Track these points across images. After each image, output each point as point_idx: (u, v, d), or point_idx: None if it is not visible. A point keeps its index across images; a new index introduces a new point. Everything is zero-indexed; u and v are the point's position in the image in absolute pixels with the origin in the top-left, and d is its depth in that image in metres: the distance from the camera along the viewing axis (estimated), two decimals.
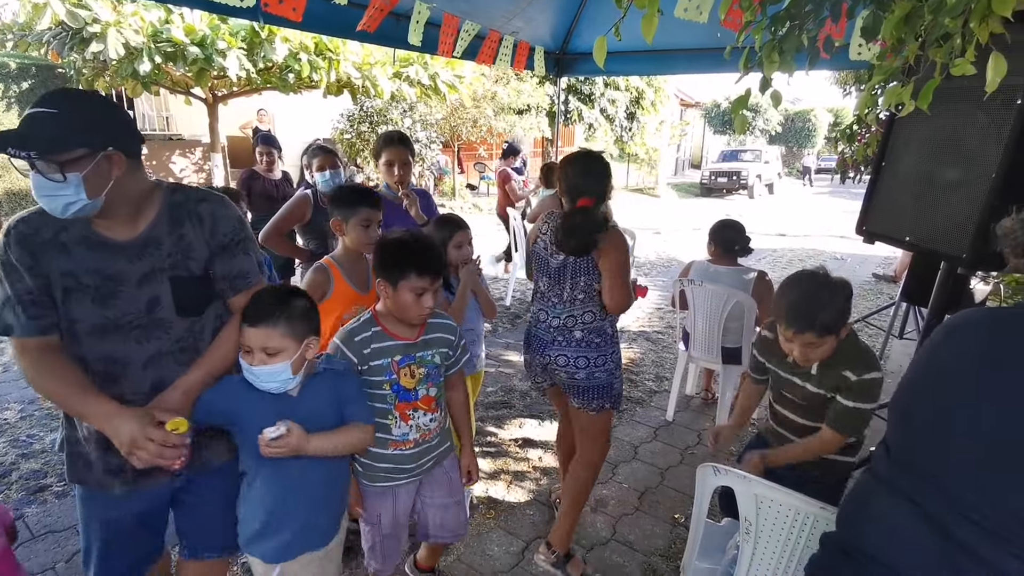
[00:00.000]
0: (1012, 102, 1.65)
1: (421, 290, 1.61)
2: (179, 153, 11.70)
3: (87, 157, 1.21)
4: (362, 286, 2.16)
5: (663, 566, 2.43)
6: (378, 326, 1.69)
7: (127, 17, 6.35)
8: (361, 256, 2.19)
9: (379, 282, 1.65)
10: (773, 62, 1.26)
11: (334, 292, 2.09)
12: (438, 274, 1.66)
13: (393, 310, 1.67)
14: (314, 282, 2.07)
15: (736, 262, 3.40)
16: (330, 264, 2.12)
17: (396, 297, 1.62)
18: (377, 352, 1.66)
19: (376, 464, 1.73)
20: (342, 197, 2.16)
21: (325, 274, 2.10)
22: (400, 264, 1.60)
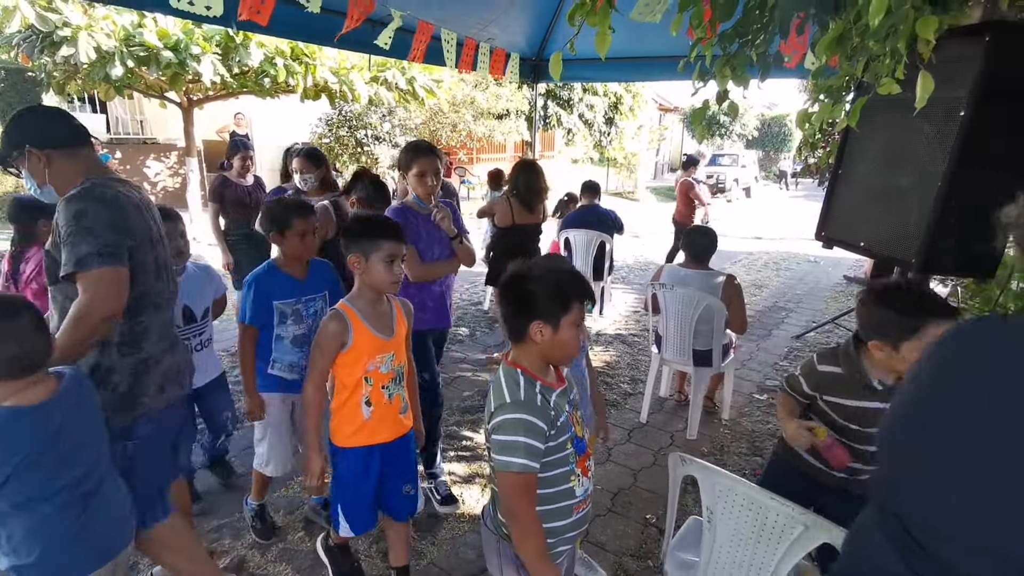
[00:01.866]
0: (955, 114, 1.73)
1: (580, 320, 1.42)
2: (154, 157, 11.55)
3: (20, 156, 1.61)
4: (386, 330, 1.92)
5: (633, 566, 2.48)
6: (533, 379, 1.42)
7: (98, 21, 6.26)
8: (381, 296, 1.95)
9: (535, 325, 1.39)
10: (725, 76, 1.32)
11: (355, 341, 1.85)
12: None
13: (549, 351, 1.42)
14: (330, 333, 1.83)
15: (706, 266, 3.48)
16: (347, 309, 1.87)
17: (558, 336, 1.39)
18: (557, 408, 1.43)
19: (565, 536, 1.49)
20: (360, 229, 1.90)
21: (342, 322, 1.84)
22: (567, 295, 1.39)
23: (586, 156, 19.23)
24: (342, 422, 1.95)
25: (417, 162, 2.59)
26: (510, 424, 1.36)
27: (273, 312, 2.27)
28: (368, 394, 1.92)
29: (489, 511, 1.60)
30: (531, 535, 1.38)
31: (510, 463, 1.34)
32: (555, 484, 1.44)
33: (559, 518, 1.46)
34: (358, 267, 1.88)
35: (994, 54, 1.65)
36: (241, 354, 2.31)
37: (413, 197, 2.68)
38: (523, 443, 1.34)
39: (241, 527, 2.62)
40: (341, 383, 1.92)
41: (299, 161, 3.48)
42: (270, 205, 2.30)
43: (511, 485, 1.37)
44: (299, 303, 2.31)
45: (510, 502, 1.39)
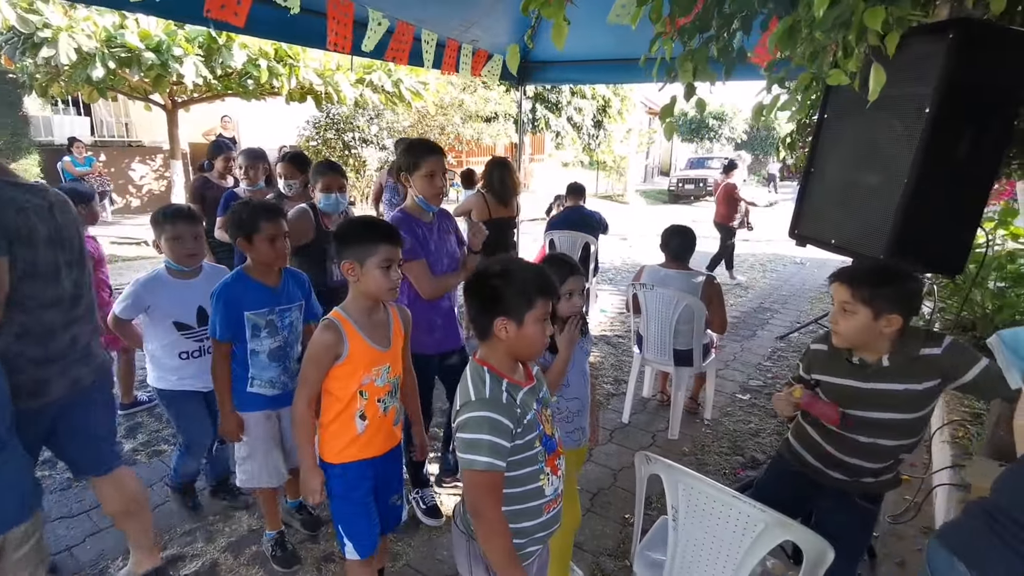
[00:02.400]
0: (922, 111, 1.74)
1: (546, 316, 1.41)
2: (139, 160, 11.46)
3: None
4: (382, 341, 1.81)
5: (611, 565, 2.47)
6: (499, 377, 1.40)
7: (79, 22, 6.21)
8: (378, 304, 1.84)
9: (499, 322, 1.38)
10: (686, 71, 1.32)
11: (350, 352, 1.73)
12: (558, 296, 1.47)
13: (516, 348, 1.41)
14: (324, 344, 1.71)
15: (687, 266, 3.48)
16: (341, 319, 1.74)
17: (522, 332, 1.38)
18: (524, 405, 1.40)
19: (535, 536, 1.48)
20: (354, 233, 1.76)
21: (336, 332, 1.72)
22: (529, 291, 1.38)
23: (576, 159, 19.30)
24: (332, 436, 1.82)
25: (426, 162, 2.41)
26: (475, 422, 1.34)
27: (245, 324, 2.13)
28: (363, 408, 1.79)
29: (460, 510, 1.58)
30: (496, 534, 1.36)
31: (474, 461, 1.33)
32: (524, 483, 1.42)
33: (528, 518, 1.44)
34: (353, 274, 1.74)
35: (958, 51, 1.65)
36: (214, 372, 2.16)
37: (419, 201, 2.48)
38: (487, 441, 1.32)
39: (214, 530, 2.59)
40: (333, 397, 1.79)
41: (284, 166, 3.42)
42: (235, 208, 2.17)
43: (475, 484, 1.35)
44: (272, 313, 2.18)
45: (475, 501, 1.37)
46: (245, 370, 2.19)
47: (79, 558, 2.41)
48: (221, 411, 2.20)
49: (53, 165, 9.51)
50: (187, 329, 2.43)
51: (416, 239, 2.42)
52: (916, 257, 1.88)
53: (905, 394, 1.68)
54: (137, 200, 11.44)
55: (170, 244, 2.33)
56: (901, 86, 1.83)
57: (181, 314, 2.41)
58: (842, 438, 1.80)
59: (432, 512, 2.71)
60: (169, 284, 2.40)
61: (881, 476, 1.81)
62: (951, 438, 2.96)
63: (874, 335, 1.67)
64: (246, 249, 2.12)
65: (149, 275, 2.41)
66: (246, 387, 2.20)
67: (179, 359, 2.42)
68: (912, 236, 1.83)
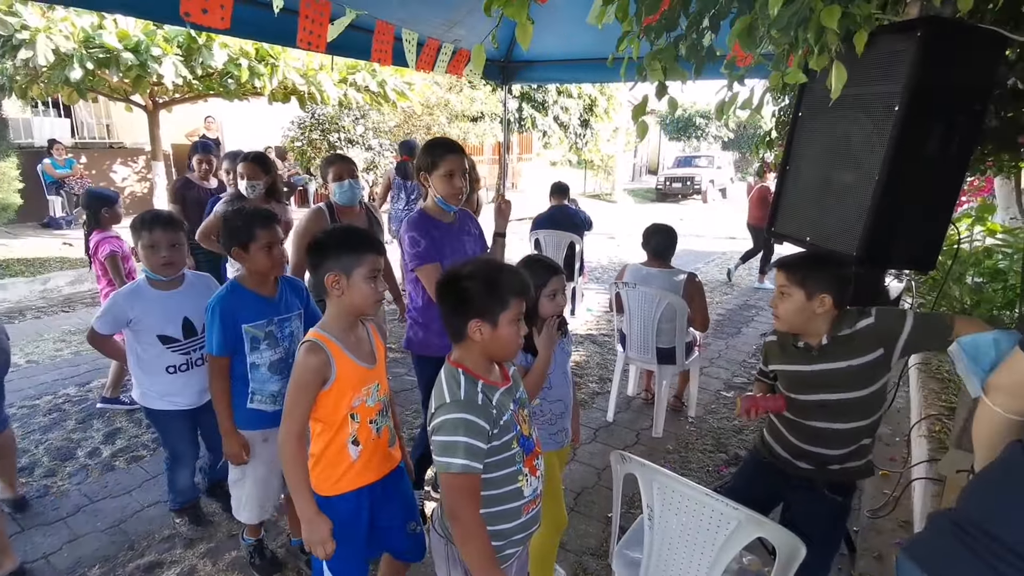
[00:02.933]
0: (891, 109, 1.76)
1: (520, 315, 1.40)
2: (121, 162, 11.32)
3: None
4: (368, 358, 1.70)
5: (594, 564, 2.47)
6: (474, 378, 1.39)
7: (57, 23, 6.13)
8: (357, 320, 1.72)
9: (473, 324, 1.37)
10: (655, 70, 1.32)
11: (338, 375, 1.60)
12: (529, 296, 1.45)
13: (490, 349, 1.40)
14: (310, 368, 1.57)
15: (668, 264, 3.50)
16: (323, 339, 1.61)
17: (497, 332, 1.38)
18: (500, 406, 1.39)
19: (513, 538, 1.47)
20: (338, 243, 1.64)
21: (322, 354, 1.58)
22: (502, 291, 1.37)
23: (564, 158, 19.30)
24: (326, 468, 1.67)
25: (445, 160, 2.33)
26: (450, 424, 1.33)
27: (243, 338, 2.02)
28: (355, 432, 1.66)
29: (438, 514, 1.57)
30: (473, 537, 1.35)
31: (450, 464, 1.32)
32: (502, 485, 1.42)
33: (507, 520, 1.44)
34: (338, 287, 1.61)
35: (926, 49, 1.67)
36: (213, 390, 2.04)
37: (438, 200, 2.39)
38: (463, 443, 1.32)
39: (192, 536, 2.56)
40: (322, 424, 1.65)
41: (246, 166, 3.33)
42: (228, 217, 2.04)
43: (451, 487, 1.35)
44: (271, 324, 2.06)
45: (451, 504, 1.36)
46: (244, 385, 2.07)
47: (56, 566, 2.37)
48: (222, 431, 2.06)
49: (33, 168, 9.37)
50: (173, 342, 2.31)
51: (432, 241, 2.35)
52: (888, 253, 1.90)
53: (848, 370, 1.75)
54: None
55: (146, 252, 2.23)
56: (870, 84, 1.84)
57: (165, 327, 2.30)
58: (801, 426, 1.86)
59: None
60: (150, 296, 2.29)
61: (847, 463, 1.84)
62: (928, 432, 3.00)
63: (809, 315, 1.77)
64: (241, 259, 2.01)
65: (129, 287, 2.32)
66: (246, 403, 2.08)
67: (167, 374, 2.32)
68: (884, 232, 1.84)
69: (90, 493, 2.85)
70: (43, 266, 7.06)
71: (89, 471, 3.04)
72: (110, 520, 2.65)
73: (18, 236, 8.61)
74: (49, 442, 3.30)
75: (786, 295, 1.79)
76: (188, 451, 2.51)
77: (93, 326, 2.29)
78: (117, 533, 2.57)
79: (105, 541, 2.52)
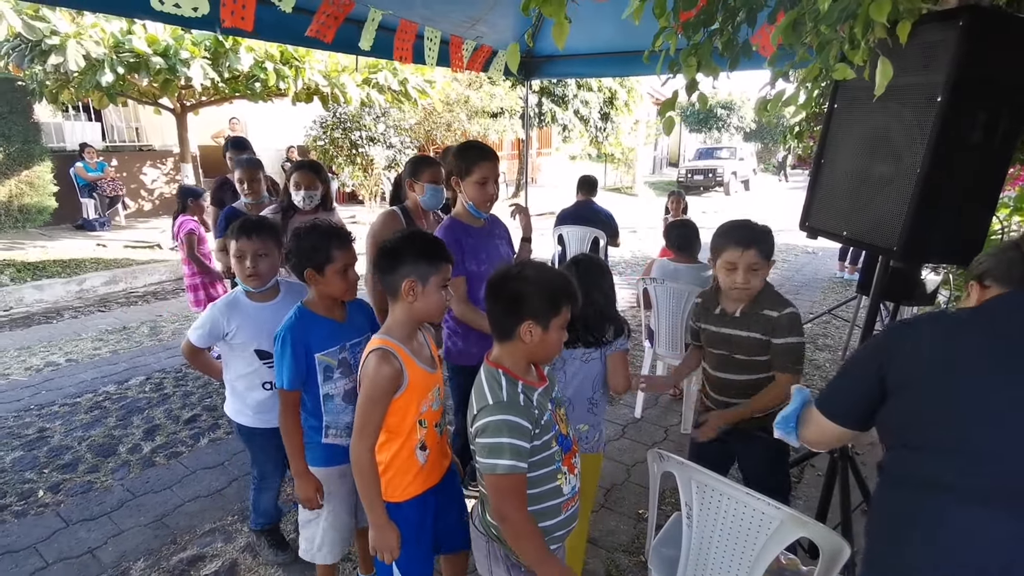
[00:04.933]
0: (933, 100, 1.72)
1: (567, 323, 1.42)
2: (150, 164, 11.55)
3: None
4: (429, 363, 1.67)
5: (626, 561, 2.47)
6: (514, 379, 1.41)
7: (87, 29, 6.27)
8: (419, 325, 1.71)
9: (526, 325, 1.38)
10: (691, 66, 1.30)
11: (409, 383, 1.57)
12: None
13: (536, 351, 1.43)
14: (386, 378, 1.53)
15: (695, 258, 3.47)
16: (393, 346, 1.57)
17: (546, 336, 1.40)
18: (540, 406, 1.42)
19: (555, 535, 1.49)
20: (416, 249, 1.60)
21: (395, 363, 1.55)
22: (559, 298, 1.40)
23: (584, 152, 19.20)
24: (396, 474, 1.66)
25: (478, 167, 2.27)
26: (494, 426, 1.35)
27: (316, 368, 1.85)
28: (423, 438, 1.65)
29: (478, 511, 1.59)
30: (525, 535, 1.37)
31: (496, 465, 1.34)
32: (542, 484, 1.44)
33: (548, 517, 1.46)
34: (412, 294, 1.57)
35: (968, 39, 1.63)
36: (284, 428, 1.87)
37: (469, 207, 2.33)
38: (508, 444, 1.34)
39: (232, 530, 2.63)
40: (392, 433, 1.62)
41: (302, 175, 3.12)
42: (301, 235, 1.83)
43: (499, 488, 1.37)
44: (344, 350, 1.89)
45: (499, 504, 1.38)
46: (318, 419, 1.90)
47: (101, 560, 2.45)
48: (295, 472, 1.89)
49: (66, 171, 9.62)
50: (269, 357, 2.07)
51: (460, 251, 2.29)
52: (929, 248, 1.86)
53: (747, 340, 2.03)
54: (149, 204, 11.54)
55: (234, 261, 2.08)
56: (911, 75, 1.80)
57: (262, 340, 2.11)
58: (716, 378, 2.15)
59: None
60: (247, 308, 2.13)
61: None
62: None
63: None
64: (314, 282, 1.83)
65: (226, 298, 2.16)
66: (320, 439, 1.91)
67: (263, 390, 2.16)
68: (925, 226, 1.80)
69: (133, 488, 2.94)
70: (79, 267, 7.26)
71: (131, 467, 3.13)
72: (152, 515, 2.73)
73: (53, 238, 8.86)
74: (92, 439, 3.41)
75: (758, 270, 1.96)
76: (276, 472, 2.36)
77: (189, 338, 2.14)
78: (160, 527, 2.65)
79: (148, 535, 2.59)
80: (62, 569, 2.39)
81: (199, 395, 3.99)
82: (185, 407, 3.81)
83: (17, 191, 9.04)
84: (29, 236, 8.92)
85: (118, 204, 10.31)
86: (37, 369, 4.45)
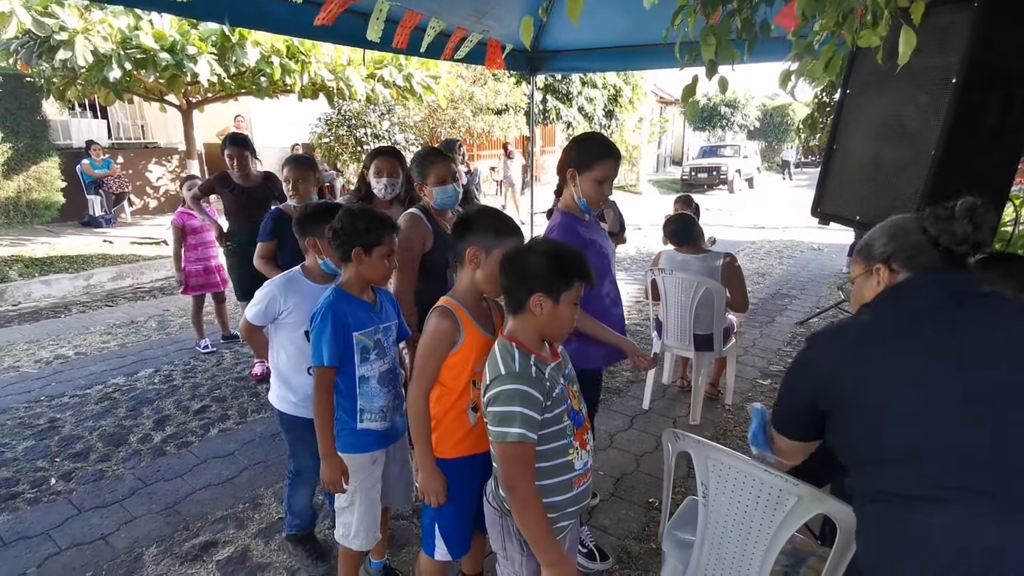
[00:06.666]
0: (948, 81, 1.71)
1: (579, 299, 1.46)
2: (155, 161, 11.59)
3: None
4: (491, 329, 1.72)
5: (636, 548, 2.47)
6: (529, 353, 1.44)
7: (95, 24, 6.29)
8: (483, 296, 1.75)
9: (536, 298, 1.42)
10: (709, 44, 1.30)
11: (465, 341, 1.65)
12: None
13: (545, 326, 1.46)
14: (442, 331, 1.63)
15: (704, 249, 3.46)
16: (454, 306, 1.66)
17: (556, 310, 1.43)
18: (552, 380, 1.44)
19: (567, 510, 1.50)
20: (488, 222, 1.67)
21: (453, 319, 1.64)
22: (568, 271, 1.42)
23: None
24: (446, 432, 1.71)
25: (601, 165, 2.12)
26: (505, 395, 1.38)
27: (354, 347, 1.86)
28: (476, 399, 1.68)
29: (492, 487, 1.60)
30: (530, 508, 1.38)
31: (507, 433, 1.36)
32: (553, 457, 1.45)
33: (559, 492, 1.46)
34: (475, 261, 1.65)
35: (983, 19, 1.62)
36: (317, 407, 1.84)
37: (580, 203, 2.21)
38: (519, 413, 1.36)
39: (244, 517, 2.64)
40: (446, 388, 1.68)
41: (382, 161, 2.92)
42: (351, 216, 1.87)
43: (507, 456, 1.38)
44: (378, 332, 1.93)
45: (508, 474, 1.39)
46: (351, 402, 1.90)
47: (114, 545, 2.46)
48: (323, 453, 1.85)
49: (72, 168, 9.66)
50: None
51: (582, 243, 2.17)
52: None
53: None
54: (155, 201, 11.57)
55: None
56: (925, 57, 1.79)
57: None
58: None
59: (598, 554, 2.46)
60: (304, 287, 2.10)
61: None
62: None
63: None
64: (359, 262, 1.85)
65: (284, 276, 2.13)
66: (356, 423, 1.91)
67: (308, 375, 2.07)
68: None
69: (144, 477, 2.95)
70: (85, 263, 7.28)
71: (142, 456, 3.14)
72: (164, 502, 2.74)
73: (60, 234, 8.90)
74: (102, 429, 3.42)
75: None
76: (314, 467, 2.10)
77: (247, 316, 2.11)
78: (172, 514, 2.66)
79: (160, 522, 2.61)
80: (75, 554, 2.40)
81: (208, 386, 4.00)
82: (195, 398, 3.83)
83: (25, 187, 9.09)
84: (36, 232, 8.96)
85: (124, 201, 10.34)
86: (47, 362, 4.47)
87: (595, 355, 2.29)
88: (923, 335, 1.14)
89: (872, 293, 1.30)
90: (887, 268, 1.29)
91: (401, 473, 2.09)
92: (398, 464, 2.08)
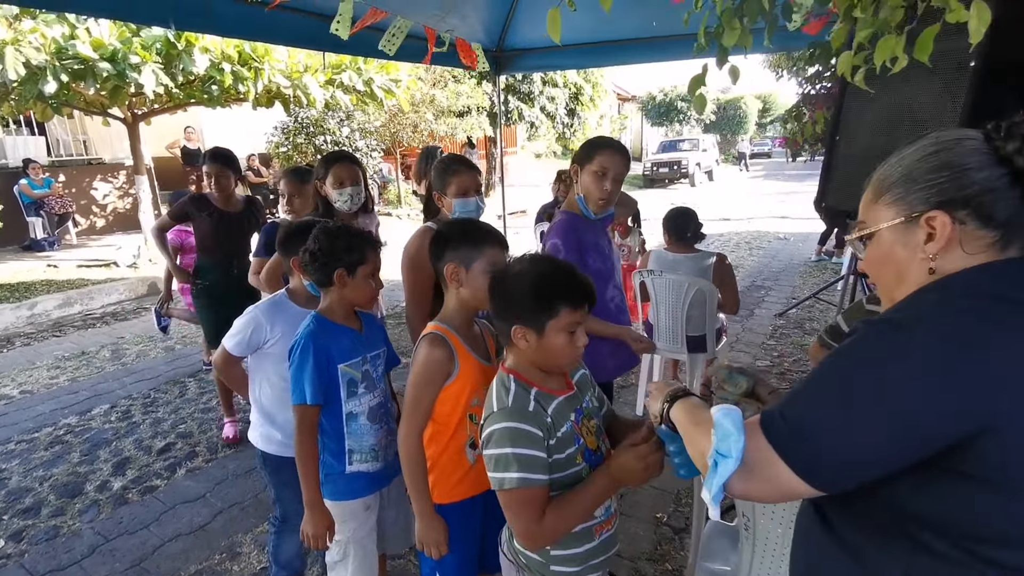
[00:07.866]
0: (966, 65, 1.63)
1: (574, 326, 1.25)
2: (100, 178, 10.96)
3: None
4: (484, 355, 1.57)
5: (651, 570, 2.34)
6: (530, 386, 1.28)
7: (26, 35, 5.84)
8: (474, 314, 1.61)
9: (517, 330, 1.25)
10: (734, 28, 1.17)
11: (461, 371, 1.49)
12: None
13: (537, 359, 1.28)
14: (436, 361, 1.46)
15: (694, 248, 3.37)
16: (445, 331, 1.50)
17: (544, 342, 1.24)
18: (557, 416, 1.27)
19: (591, 562, 1.33)
20: (460, 234, 1.54)
21: (446, 348, 1.47)
22: (550, 296, 1.23)
23: (549, 149, 19.16)
24: (443, 473, 1.55)
25: (601, 154, 2.02)
26: (498, 435, 1.21)
27: (339, 381, 1.67)
28: (473, 435, 1.52)
29: (506, 536, 1.43)
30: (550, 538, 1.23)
31: (503, 480, 1.19)
32: None
33: (579, 543, 1.29)
34: (456, 279, 1.52)
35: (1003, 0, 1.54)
36: (300, 450, 1.62)
37: (579, 200, 2.12)
38: (514, 455, 1.19)
39: (221, 570, 2.39)
40: (439, 425, 1.53)
41: (342, 167, 2.56)
42: (330, 234, 1.66)
43: (509, 504, 1.22)
44: (366, 362, 1.74)
45: (514, 522, 1.23)
46: (339, 443, 1.70)
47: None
48: (307, 502, 1.64)
49: (9, 189, 9.06)
50: None
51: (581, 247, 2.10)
52: None
53: None
54: (102, 220, 10.95)
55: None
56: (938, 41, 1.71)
57: None
58: None
59: None
60: (293, 312, 1.88)
61: None
62: None
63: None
64: (341, 284, 1.66)
65: (269, 301, 1.94)
66: (344, 466, 1.71)
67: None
68: None
69: (104, 531, 2.66)
70: (28, 290, 6.79)
71: (101, 506, 2.85)
72: (129, 559, 2.47)
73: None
74: (54, 478, 3.10)
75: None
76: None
77: (225, 346, 1.89)
78: (139, 573, 2.39)
79: None
80: None
81: (171, 421, 3.71)
82: (157, 436, 3.52)
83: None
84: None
85: (68, 222, 9.75)
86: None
87: (606, 367, 2.14)
88: None
89: (921, 255, 0.82)
90: (949, 216, 0.79)
91: (397, 517, 1.90)
92: (394, 507, 1.88)
